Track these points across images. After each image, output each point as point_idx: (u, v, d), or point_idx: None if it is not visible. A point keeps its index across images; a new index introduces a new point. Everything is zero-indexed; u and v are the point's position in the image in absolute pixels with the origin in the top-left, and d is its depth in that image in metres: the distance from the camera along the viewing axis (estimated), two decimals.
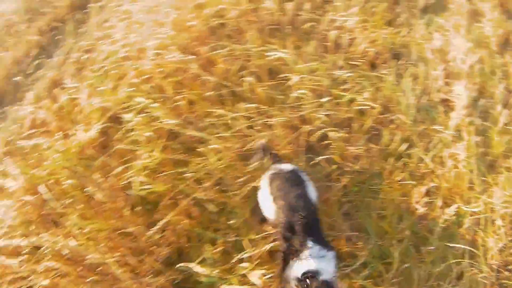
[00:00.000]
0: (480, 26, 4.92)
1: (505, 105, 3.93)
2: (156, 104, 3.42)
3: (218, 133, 3.32)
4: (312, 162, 3.28)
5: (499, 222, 3.04)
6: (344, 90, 3.67)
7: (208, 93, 3.55)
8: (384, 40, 4.18)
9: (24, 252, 2.58)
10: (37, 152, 3.32)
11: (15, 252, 2.61)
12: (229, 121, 3.42)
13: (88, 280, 2.43)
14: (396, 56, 4.19)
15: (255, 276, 2.47)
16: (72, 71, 4.20)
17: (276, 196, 2.46)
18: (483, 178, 3.30)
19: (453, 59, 4.24)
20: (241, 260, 2.59)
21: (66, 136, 3.39)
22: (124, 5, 4.73)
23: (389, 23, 4.49)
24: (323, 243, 2.20)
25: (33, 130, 3.64)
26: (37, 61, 4.64)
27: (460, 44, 4.39)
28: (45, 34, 5.08)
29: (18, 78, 4.50)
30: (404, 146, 3.41)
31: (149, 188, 2.95)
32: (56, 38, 4.96)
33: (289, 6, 4.16)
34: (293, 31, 3.99)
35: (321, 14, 4.28)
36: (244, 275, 2.53)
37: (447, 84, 3.99)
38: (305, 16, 4.18)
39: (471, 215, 3.02)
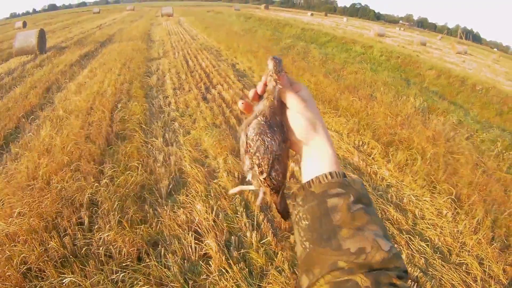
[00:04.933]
0: (217, 181, 5.67)
1: (255, 229, 4.58)
2: None
3: None
4: None
5: None
6: None
7: None
8: (141, 237, 4.44)
9: None
10: None
11: None
12: None
13: None
14: (155, 244, 4.43)
15: None
16: None
17: None
18: None
19: (199, 222, 4.64)
20: None
21: None
22: None
23: (142, 221, 4.74)
24: None
25: None
26: None
27: (200, 208, 4.85)
28: None
29: None
30: None
31: None
32: None
33: (67, 239, 4.34)
34: (75, 258, 4.14)
35: (91, 237, 4.50)
36: None
37: (200, 241, 4.36)
38: (81, 242, 4.39)
39: None
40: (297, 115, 0.92)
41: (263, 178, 0.98)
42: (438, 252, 4.69)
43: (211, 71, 13.39)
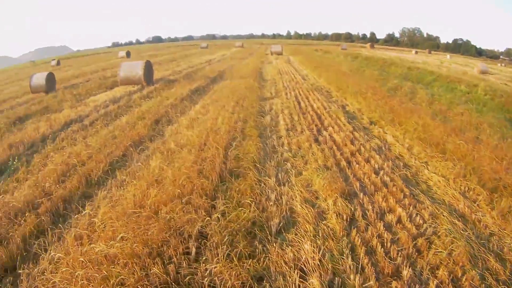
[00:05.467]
0: (325, 222, 6.33)
1: (359, 272, 5.04)
2: None
3: None
4: None
5: None
6: None
7: None
8: (248, 271, 5.04)
9: None
10: None
11: None
12: None
13: None
14: (261, 278, 5.07)
15: None
16: None
17: None
18: None
19: (305, 260, 5.21)
20: None
21: None
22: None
23: (250, 256, 5.40)
24: None
25: None
26: None
27: (308, 248, 5.43)
28: None
29: None
30: None
31: None
32: None
33: (171, 267, 5.08)
34: (177, 285, 4.85)
35: (196, 267, 5.21)
36: None
37: (304, 280, 4.91)
38: (185, 271, 5.10)
39: None
40: None
41: None
42: None
43: (322, 112, 14.37)
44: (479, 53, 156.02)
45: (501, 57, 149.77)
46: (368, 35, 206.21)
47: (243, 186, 7.37)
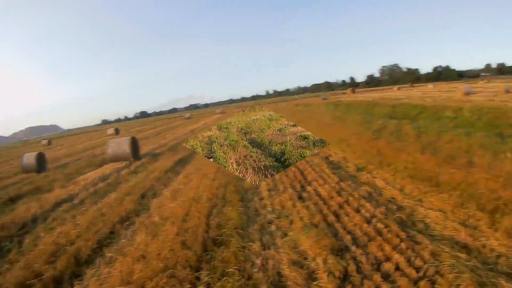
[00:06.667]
0: (317, 283, 6.06)
1: None
2: None
3: None
4: None
5: None
6: None
7: None
8: None
9: None
10: None
11: None
12: None
13: None
14: None
15: None
16: None
17: None
18: None
19: None
20: None
21: None
22: None
23: None
24: None
25: None
26: None
27: None
28: None
29: None
30: None
31: None
32: None
33: None
34: None
35: None
36: None
37: None
38: None
39: None
40: None
41: None
42: None
43: (305, 167, 14.18)
44: (461, 75, 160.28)
45: (481, 74, 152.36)
46: (348, 80, 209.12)
47: (226, 254, 7.27)
